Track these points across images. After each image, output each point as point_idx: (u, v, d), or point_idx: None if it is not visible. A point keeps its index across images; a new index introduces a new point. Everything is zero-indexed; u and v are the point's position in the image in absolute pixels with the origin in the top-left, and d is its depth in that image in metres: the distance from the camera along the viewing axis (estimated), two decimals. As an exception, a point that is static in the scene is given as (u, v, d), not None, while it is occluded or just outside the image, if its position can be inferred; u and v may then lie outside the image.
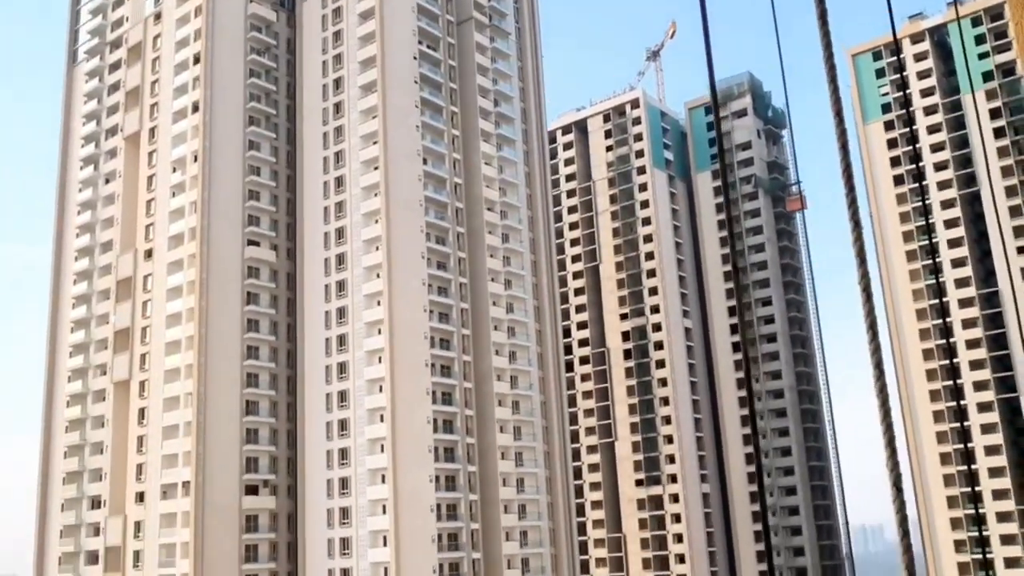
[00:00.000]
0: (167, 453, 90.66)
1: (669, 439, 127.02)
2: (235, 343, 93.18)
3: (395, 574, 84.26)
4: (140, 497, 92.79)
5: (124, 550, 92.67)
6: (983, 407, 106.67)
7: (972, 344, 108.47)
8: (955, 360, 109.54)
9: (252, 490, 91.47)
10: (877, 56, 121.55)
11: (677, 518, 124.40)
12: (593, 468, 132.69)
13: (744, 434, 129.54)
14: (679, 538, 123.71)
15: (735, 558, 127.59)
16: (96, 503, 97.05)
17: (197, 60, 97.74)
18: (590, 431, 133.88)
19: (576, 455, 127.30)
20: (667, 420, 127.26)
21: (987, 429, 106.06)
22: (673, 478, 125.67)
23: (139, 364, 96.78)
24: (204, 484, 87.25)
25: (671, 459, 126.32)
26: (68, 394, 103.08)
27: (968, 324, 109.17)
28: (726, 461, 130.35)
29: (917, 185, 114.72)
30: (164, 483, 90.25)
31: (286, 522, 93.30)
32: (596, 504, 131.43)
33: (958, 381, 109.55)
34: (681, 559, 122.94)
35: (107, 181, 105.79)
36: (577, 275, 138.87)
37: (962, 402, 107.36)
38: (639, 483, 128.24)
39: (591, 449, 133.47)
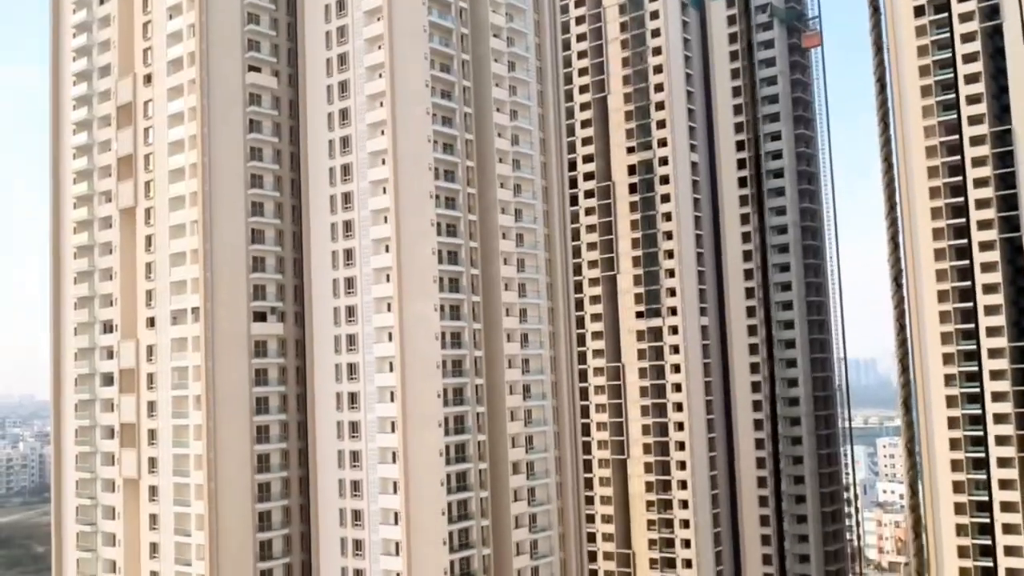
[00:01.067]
0: (175, 280, 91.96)
1: (671, 273, 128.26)
2: (238, 171, 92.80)
3: (400, 395, 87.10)
4: (151, 322, 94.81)
5: (138, 372, 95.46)
6: (984, 246, 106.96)
7: (980, 183, 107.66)
8: (962, 198, 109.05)
9: (260, 317, 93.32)
10: None
11: (675, 349, 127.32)
12: (595, 300, 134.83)
13: (746, 268, 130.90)
14: (676, 368, 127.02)
15: (730, 388, 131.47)
16: (108, 327, 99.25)
17: None
18: (592, 264, 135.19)
19: (578, 287, 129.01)
20: (669, 255, 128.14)
21: (987, 268, 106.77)
22: (673, 311, 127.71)
23: (144, 192, 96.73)
24: (213, 311, 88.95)
25: (672, 292, 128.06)
26: (74, 221, 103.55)
27: (978, 163, 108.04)
28: (726, 295, 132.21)
29: (937, 17, 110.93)
30: (174, 309, 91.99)
31: (294, 348, 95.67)
32: (596, 335, 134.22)
33: (962, 220, 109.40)
34: (678, 388, 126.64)
35: (101, 1, 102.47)
36: (584, 106, 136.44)
37: (966, 241, 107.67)
38: (639, 315, 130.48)
39: (593, 282, 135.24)
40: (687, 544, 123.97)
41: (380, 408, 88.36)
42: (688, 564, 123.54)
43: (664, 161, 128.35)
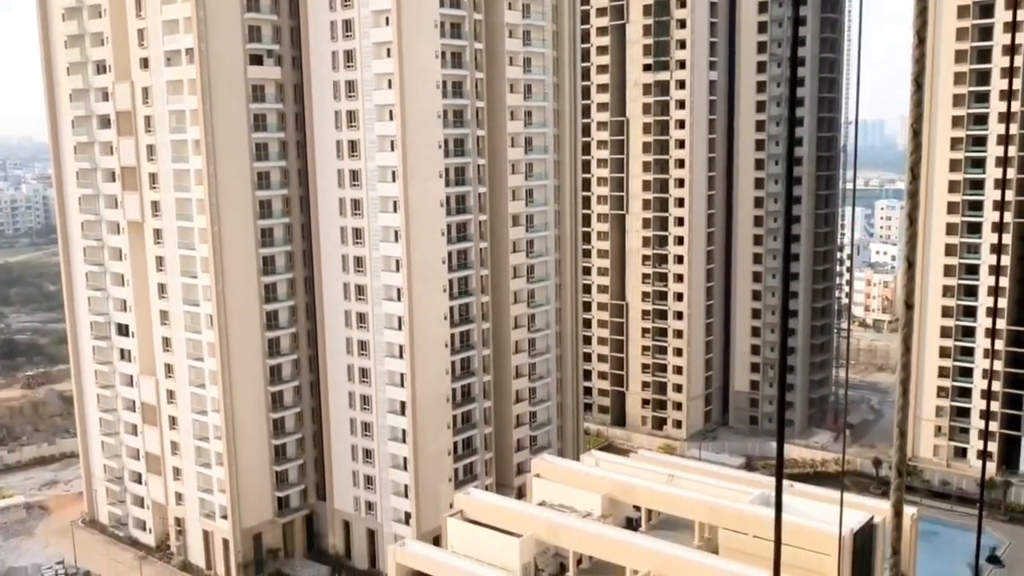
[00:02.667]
0: (167, 19, 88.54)
1: (681, 23, 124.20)
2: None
3: (400, 144, 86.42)
4: (144, 63, 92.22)
5: (135, 115, 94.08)
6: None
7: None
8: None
9: (256, 60, 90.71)
10: None
11: (681, 104, 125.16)
12: (601, 51, 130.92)
13: (760, 21, 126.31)
14: (680, 124, 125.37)
15: (734, 146, 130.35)
16: (101, 68, 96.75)
17: None
18: (601, 12, 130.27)
19: (585, 37, 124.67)
20: (682, 2, 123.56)
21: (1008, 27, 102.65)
22: (681, 64, 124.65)
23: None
24: (208, 51, 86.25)
25: (681, 44, 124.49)
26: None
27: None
28: (737, 49, 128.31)
29: None
30: (167, 49, 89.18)
31: (292, 93, 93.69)
32: (602, 87, 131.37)
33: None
34: (681, 144, 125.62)
35: None
36: None
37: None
38: (647, 68, 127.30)
39: (600, 31, 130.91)
40: (679, 297, 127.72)
41: (380, 157, 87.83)
42: (679, 316, 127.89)
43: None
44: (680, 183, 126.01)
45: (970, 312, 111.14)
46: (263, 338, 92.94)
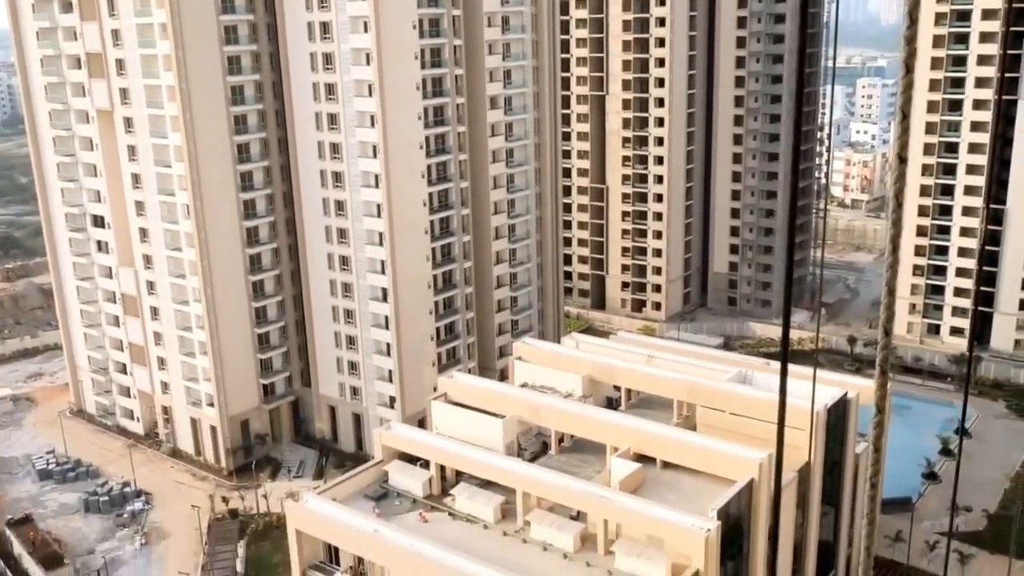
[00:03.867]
0: None
1: None
2: None
3: (373, 26, 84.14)
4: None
5: (105, 57, 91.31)
6: None
7: None
8: None
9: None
10: None
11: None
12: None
13: None
14: (662, 1, 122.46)
15: (715, 23, 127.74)
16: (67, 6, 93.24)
17: None
18: None
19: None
20: None
21: None
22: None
23: None
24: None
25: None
26: None
27: None
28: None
29: None
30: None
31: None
32: None
33: None
34: (661, 22, 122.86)
35: None
36: None
37: None
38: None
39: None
40: (659, 180, 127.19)
41: (354, 39, 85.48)
42: (659, 198, 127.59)
43: None
44: (660, 63, 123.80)
45: (948, 191, 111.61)
46: (241, 228, 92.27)
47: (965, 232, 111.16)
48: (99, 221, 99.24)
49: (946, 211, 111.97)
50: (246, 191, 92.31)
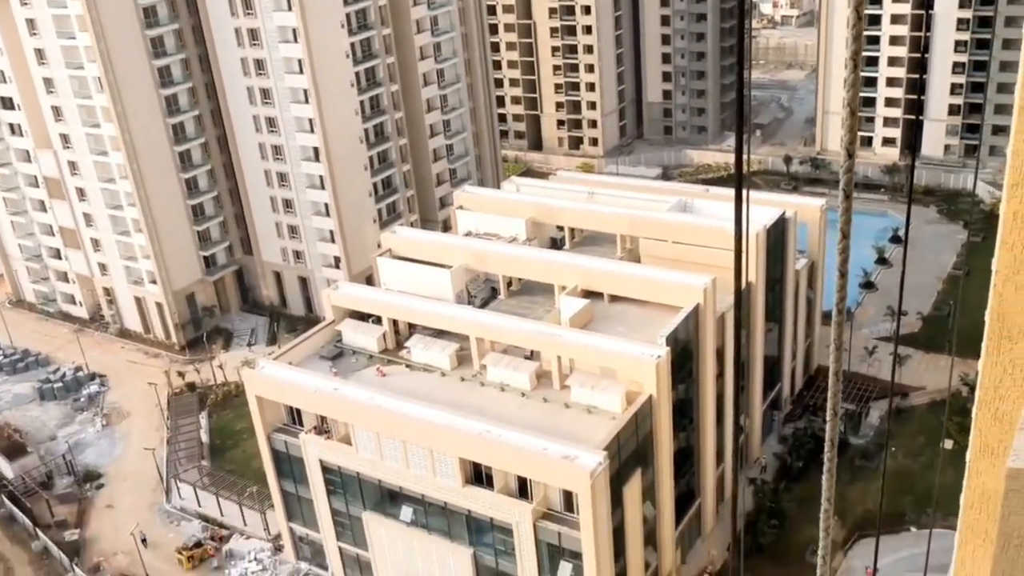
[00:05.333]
0: None
1: None
2: None
3: None
4: None
5: None
6: None
7: None
8: None
9: None
10: None
11: None
12: None
13: None
14: None
15: None
16: None
17: None
18: None
19: None
20: None
21: None
22: None
23: None
24: None
25: None
26: None
27: None
28: None
29: None
30: None
31: None
32: None
33: None
34: None
35: None
36: None
37: None
38: None
39: None
40: (587, 11, 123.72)
41: None
42: (588, 30, 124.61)
43: None
44: None
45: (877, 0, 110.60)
46: (159, 96, 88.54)
47: (895, 41, 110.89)
48: (7, 103, 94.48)
49: (875, 20, 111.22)
50: (159, 57, 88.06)
